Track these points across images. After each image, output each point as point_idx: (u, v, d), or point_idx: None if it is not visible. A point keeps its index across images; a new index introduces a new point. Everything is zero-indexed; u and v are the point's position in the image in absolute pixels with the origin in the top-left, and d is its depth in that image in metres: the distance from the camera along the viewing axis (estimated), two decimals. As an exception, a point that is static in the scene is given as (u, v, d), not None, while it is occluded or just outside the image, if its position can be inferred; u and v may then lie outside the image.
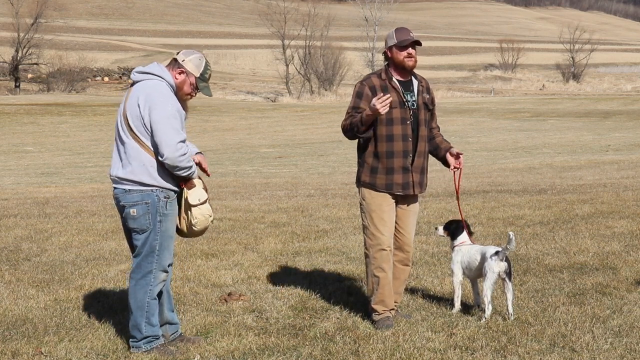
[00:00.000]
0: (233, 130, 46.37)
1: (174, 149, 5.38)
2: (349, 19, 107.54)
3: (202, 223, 5.66)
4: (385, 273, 6.25)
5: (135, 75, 5.60)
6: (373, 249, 6.25)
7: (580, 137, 34.88)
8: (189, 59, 5.63)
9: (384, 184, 6.21)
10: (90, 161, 29.19)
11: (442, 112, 52.21)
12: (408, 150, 6.21)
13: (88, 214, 12.68)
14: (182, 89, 5.63)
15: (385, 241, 6.24)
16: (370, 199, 6.27)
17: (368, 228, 6.28)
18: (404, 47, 6.16)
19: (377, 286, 6.25)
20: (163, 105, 5.40)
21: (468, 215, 11.62)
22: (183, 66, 5.61)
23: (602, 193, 13.85)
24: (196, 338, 5.91)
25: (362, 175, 6.32)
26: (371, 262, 6.27)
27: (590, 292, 7.00)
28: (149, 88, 5.47)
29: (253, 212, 12.69)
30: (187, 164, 5.47)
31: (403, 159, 6.20)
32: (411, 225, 6.43)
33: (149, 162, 5.47)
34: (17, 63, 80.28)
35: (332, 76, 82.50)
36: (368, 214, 6.28)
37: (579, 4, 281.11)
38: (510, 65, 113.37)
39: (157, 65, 5.64)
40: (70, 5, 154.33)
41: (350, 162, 26.21)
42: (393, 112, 6.15)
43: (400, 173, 6.21)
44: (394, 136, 6.17)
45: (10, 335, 6.04)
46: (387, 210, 6.25)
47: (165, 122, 5.38)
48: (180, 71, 5.61)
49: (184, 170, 5.47)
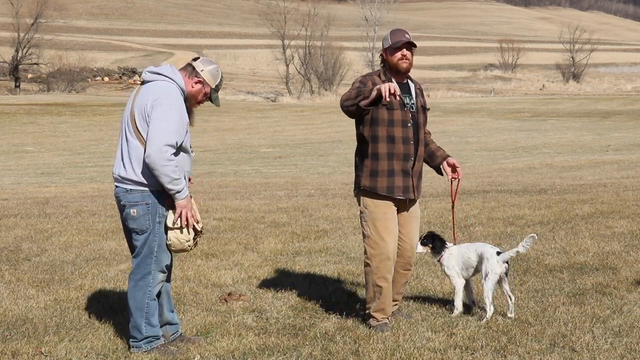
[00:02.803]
0: (233, 130, 46.37)
1: (158, 149, 5.28)
2: (349, 19, 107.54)
3: (176, 246, 5.57)
4: (388, 283, 6.16)
5: (147, 75, 5.58)
6: (376, 258, 6.10)
7: (580, 137, 34.88)
8: (207, 70, 5.61)
9: (385, 187, 6.07)
10: (90, 161, 29.19)
11: (442, 112, 52.29)
12: (409, 153, 6.11)
13: (88, 214, 12.68)
14: (196, 98, 5.63)
15: (391, 250, 6.11)
16: (374, 207, 6.11)
17: (371, 237, 6.11)
18: (398, 49, 6.10)
19: (379, 295, 6.14)
20: (167, 107, 5.37)
21: (468, 215, 11.62)
22: (201, 76, 5.59)
23: (602, 193, 13.85)
24: (196, 338, 5.91)
25: (362, 180, 6.14)
26: (373, 271, 6.13)
27: (590, 292, 7.00)
28: (159, 89, 5.45)
29: (253, 212, 12.69)
30: (171, 173, 5.31)
31: (403, 162, 6.09)
32: (414, 232, 6.33)
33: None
34: (17, 63, 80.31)
35: (332, 76, 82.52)
36: (371, 223, 6.11)
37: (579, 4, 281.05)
38: (510, 65, 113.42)
39: (169, 67, 5.61)
40: (70, 5, 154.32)
41: (350, 162, 26.20)
42: (394, 114, 6.06)
43: (400, 176, 6.09)
44: (395, 138, 6.06)
45: (10, 335, 6.04)
46: (392, 219, 6.12)
47: (162, 121, 5.33)
48: (197, 81, 5.59)
49: (166, 178, 5.31)
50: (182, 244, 5.57)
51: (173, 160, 5.34)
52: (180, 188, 5.39)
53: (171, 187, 5.36)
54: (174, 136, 5.35)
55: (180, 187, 5.39)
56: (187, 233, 5.55)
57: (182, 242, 5.56)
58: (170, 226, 5.52)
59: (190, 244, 5.61)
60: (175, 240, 5.55)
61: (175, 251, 5.65)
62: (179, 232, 5.53)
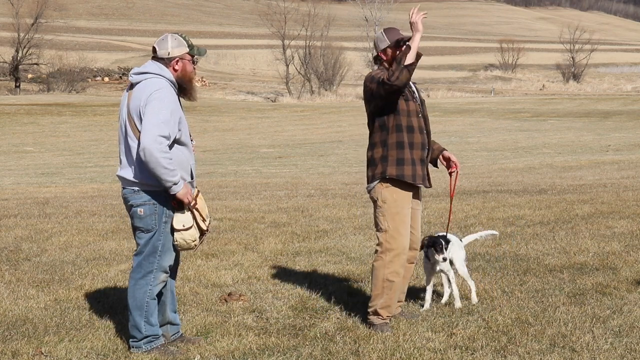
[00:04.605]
0: (233, 130, 46.37)
1: (153, 140, 5.28)
2: (349, 19, 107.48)
3: (183, 246, 5.61)
4: (399, 278, 6.15)
5: (133, 77, 5.58)
6: (391, 252, 6.09)
7: (580, 137, 34.87)
8: (171, 46, 5.61)
9: (410, 175, 6.09)
10: (90, 161, 29.19)
11: (442, 112, 52.29)
12: (425, 142, 6.23)
13: (88, 214, 12.67)
14: (187, 72, 5.65)
15: (406, 245, 6.13)
16: (393, 201, 6.09)
17: (388, 231, 6.08)
18: (400, 47, 6.12)
19: (388, 291, 6.11)
20: (157, 101, 5.38)
21: (468, 215, 11.63)
22: (173, 55, 5.61)
23: (602, 193, 13.85)
24: (196, 338, 5.91)
25: (389, 169, 6.07)
26: (386, 265, 6.10)
27: (590, 292, 7.00)
28: (151, 86, 5.46)
29: (253, 212, 12.69)
30: (166, 164, 5.30)
31: (422, 151, 6.19)
32: (419, 223, 6.43)
33: None
34: (17, 63, 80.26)
35: (332, 76, 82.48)
36: (390, 217, 6.09)
37: (579, 4, 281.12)
38: (510, 65, 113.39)
39: (153, 63, 5.62)
40: (70, 5, 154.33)
41: (350, 162, 26.21)
42: (409, 105, 6.14)
43: (419, 165, 6.18)
44: (414, 128, 6.15)
45: (10, 335, 6.04)
46: (408, 213, 6.16)
47: (153, 115, 5.34)
48: (175, 62, 5.62)
49: (161, 169, 5.30)
50: (188, 244, 5.61)
51: (168, 153, 5.34)
52: (177, 180, 5.39)
53: (167, 178, 5.34)
54: (166, 128, 5.35)
55: (175, 178, 5.38)
56: (193, 233, 5.57)
57: (189, 242, 5.60)
58: (179, 228, 5.54)
59: (197, 243, 5.65)
60: (181, 240, 5.58)
61: (181, 250, 5.69)
62: (185, 233, 5.55)
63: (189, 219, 5.56)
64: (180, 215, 5.55)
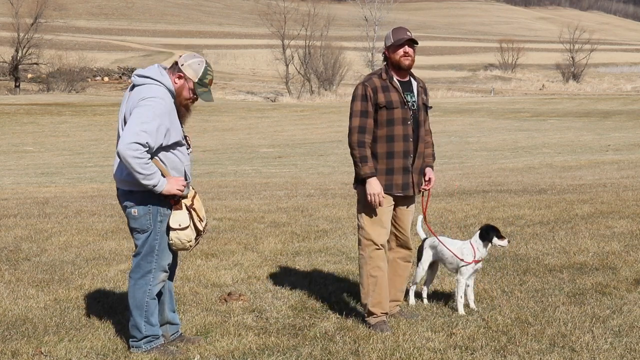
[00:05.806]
0: (233, 130, 46.38)
1: (126, 146, 5.23)
2: (349, 19, 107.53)
3: (178, 246, 5.60)
4: (382, 272, 6.23)
5: (135, 79, 5.56)
6: (369, 248, 6.22)
7: (580, 137, 34.88)
8: (188, 64, 5.55)
9: (383, 184, 6.19)
10: (90, 161, 29.20)
11: (442, 112, 52.29)
12: (409, 150, 6.22)
13: (88, 214, 12.67)
14: (182, 94, 5.57)
15: (381, 240, 6.22)
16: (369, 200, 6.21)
17: (363, 228, 6.24)
18: (400, 46, 6.17)
19: (374, 287, 6.20)
20: (145, 108, 5.33)
21: (468, 215, 11.63)
22: (182, 71, 5.55)
23: (602, 193, 13.85)
24: (196, 338, 5.91)
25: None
26: (367, 262, 6.23)
27: (590, 292, 7.00)
28: (146, 91, 5.43)
29: (253, 212, 12.69)
30: (140, 169, 5.26)
31: (404, 160, 6.20)
32: (409, 224, 6.47)
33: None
34: (17, 63, 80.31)
35: (332, 76, 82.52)
36: (364, 214, 6.24)
37: (579, 4, 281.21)
38: (510, 65, 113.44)
39: (157, 69, 5.57)
40: (70, 5, 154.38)
41: (350, 161, 26.18)
42: (394, 113, 6.16)
43: (400, 174, 6.22)
44: (395, 137, 6.17)
45: (10, 335, 6.04)
46: (385, 211, 6.23)
47: (136, 122, 5.28)
48: (179, 76, 5.55)
49: (137, 175, 5.27)
50: (183, 244, 5.60)
51: (142, 158, 5.26)
52: (155, 182, 5.35)
53: (143, 182, 5.32)
54: (146, 137, 5.27)
55: (154, 181, 5.34)
56: (189, 233, 5.56)
57: (184, 242, 5.59)
58: (174, 227, 5.53)
59: (192, 243, 5.63)
60: (176, 240, 5.57)
61: (176, 250, 5.67)
62: (181, 232, 5.54)
63: (186, 219, 5.56)
64: (177, 214, 5.54)
